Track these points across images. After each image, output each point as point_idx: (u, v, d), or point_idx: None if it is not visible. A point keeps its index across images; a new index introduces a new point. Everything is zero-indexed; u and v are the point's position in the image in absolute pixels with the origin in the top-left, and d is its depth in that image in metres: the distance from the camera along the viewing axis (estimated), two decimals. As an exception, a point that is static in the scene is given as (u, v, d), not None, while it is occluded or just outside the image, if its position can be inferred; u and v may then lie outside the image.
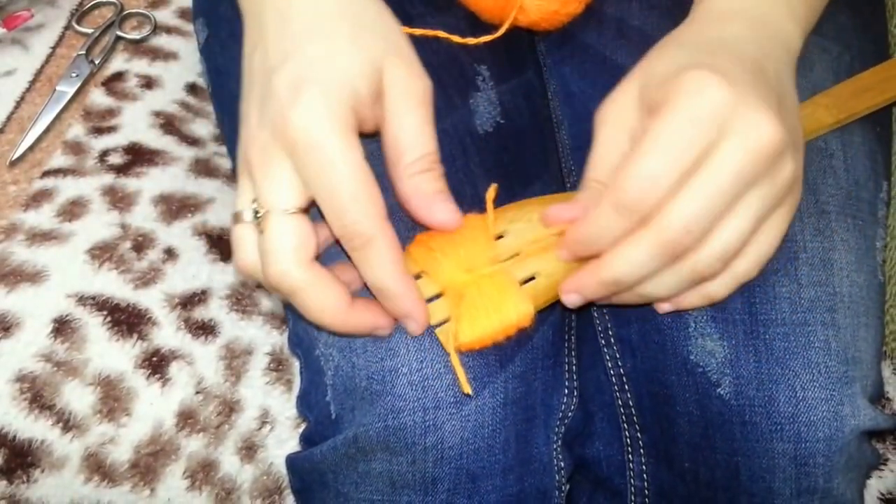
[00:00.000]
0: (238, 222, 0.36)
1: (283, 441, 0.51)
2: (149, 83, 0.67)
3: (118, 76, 0.67)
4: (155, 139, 0.63)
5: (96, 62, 0.68)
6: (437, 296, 0.38)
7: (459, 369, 0.38)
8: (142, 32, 0.70)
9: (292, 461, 0.47)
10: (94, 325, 0.52)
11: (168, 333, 0.53)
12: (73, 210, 0.57)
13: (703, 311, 0.41)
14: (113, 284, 0.54)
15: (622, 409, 0.44)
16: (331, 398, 0.42)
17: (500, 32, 0.48)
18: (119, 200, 0.58)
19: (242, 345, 0.53)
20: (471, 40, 0.48)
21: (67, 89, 0.66)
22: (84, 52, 0.68)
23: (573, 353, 0.45)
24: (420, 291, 0.36)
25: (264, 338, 0.54)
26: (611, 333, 0.44)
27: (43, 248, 0.55)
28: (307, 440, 0.46)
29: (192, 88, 0.68)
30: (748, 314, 0.40)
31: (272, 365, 0.53)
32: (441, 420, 0.39)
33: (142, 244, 0.56)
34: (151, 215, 0.58)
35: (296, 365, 0.53)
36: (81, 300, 0.53)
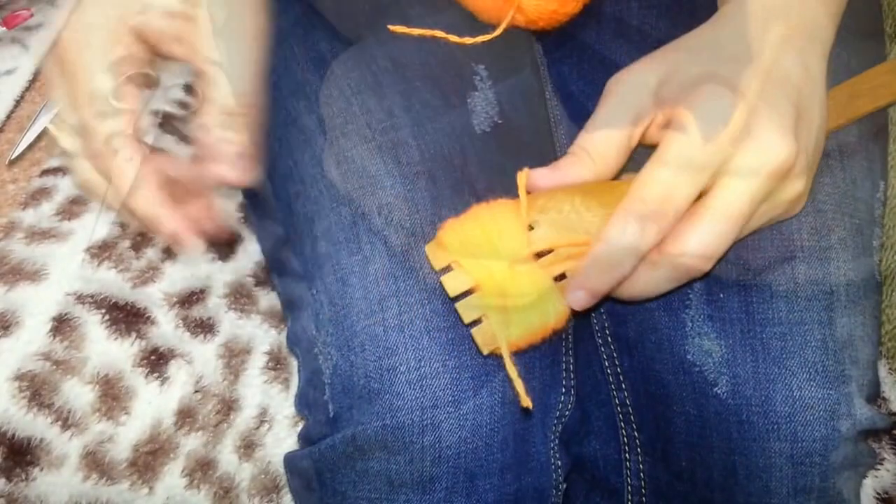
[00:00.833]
0: None
1: (282, 439, 0.51)
2: (154, 69, 0.67)
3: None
4: (154, 138, 0.63)
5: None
6: (468, 291, 0.37)
7: (518, 381, 0.36)
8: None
9: (290, 460, 0.47)
10: (92, 324, 0.52)
11: (167, 332, 0.53)
12: (72, 208, 0.57)
13: (701, 309, 0.41)
14: (112, 283, 0.54)
15: (619, 408, 0.44)
16: (329, 397, 0.42)
17: (497, 32, 0.48)
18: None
19: (241, 343, 0.54)
20: (468, 40, 0.48)
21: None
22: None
23: (570, 352, 0.45)
24: None
25: (263, 336, 0.54)
26: (608, 332, 0.44)
27: (42, 246, 0.55)
28: (305, 439, 0.46)
29: (190, 88, 0.68)
30: (745, 313, 0.40)
31: (271, 363, 0.53)
32: (439, 419, 0.39)
33: (140, 243, 0.56)
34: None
35: (294, 364, 0.53)
36: (80, 298, 0.53)
